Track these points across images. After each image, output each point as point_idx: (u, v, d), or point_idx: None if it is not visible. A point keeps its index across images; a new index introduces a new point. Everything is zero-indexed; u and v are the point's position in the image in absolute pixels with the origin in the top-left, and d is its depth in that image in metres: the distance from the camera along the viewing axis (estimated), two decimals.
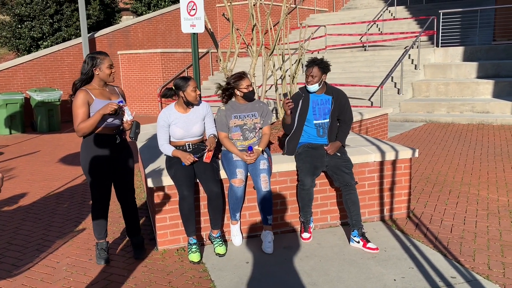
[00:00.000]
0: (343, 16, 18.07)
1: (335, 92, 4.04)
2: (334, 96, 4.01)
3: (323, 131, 4.06)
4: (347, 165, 3.88)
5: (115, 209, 5.02)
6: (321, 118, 4.02)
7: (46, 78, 12.60)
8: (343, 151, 4.04)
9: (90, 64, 3.42)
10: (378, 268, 3.39)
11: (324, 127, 4.05)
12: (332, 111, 4.01)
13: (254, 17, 5.39)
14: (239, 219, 3.88)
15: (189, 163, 3.58)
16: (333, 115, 4.02)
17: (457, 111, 10.79)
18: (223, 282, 3.26)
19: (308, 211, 3.95)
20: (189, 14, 5.16)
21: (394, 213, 4.41)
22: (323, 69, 3.90)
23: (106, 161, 3.50)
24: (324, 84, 4.02)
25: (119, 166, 3.60)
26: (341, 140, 4.06)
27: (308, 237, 3.94)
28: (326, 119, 4.02)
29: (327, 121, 4.02)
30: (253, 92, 3.88)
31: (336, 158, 3.93)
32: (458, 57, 12.92)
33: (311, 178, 3.83)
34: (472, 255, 3.58)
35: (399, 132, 9.15)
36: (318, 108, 4.01)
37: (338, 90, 4.07)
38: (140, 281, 3.33)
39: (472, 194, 5.08)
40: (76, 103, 3.36)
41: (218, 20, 17.86)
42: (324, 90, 4.04)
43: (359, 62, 13.76)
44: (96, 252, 3.67)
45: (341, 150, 4.04)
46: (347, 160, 3.94)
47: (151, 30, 15.28)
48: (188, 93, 3.62)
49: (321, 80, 3.93)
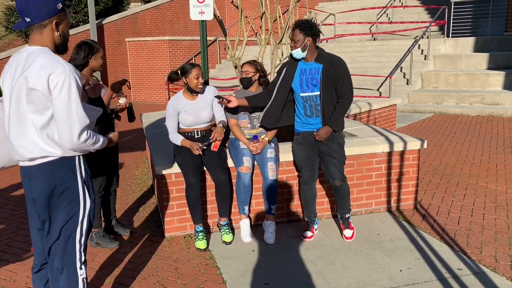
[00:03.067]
0: (352, 5, 17.87)
1: (328, 60, 3.44)
2: (326, 64, 3.42)
3: (311, 110, 3.53)
4: (335, 156, 3.50)
5: (122, 195, 5.05)
6: (308, 90, 3.48)
7: None
8: (335, 138, 3.53)
9: (87, 51, 3.38)
10: (384, 258, 3.39)
11: (312, 103, 3.51)
12: (322, 82, 3.42)
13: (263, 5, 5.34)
14: (248, 214, 3.81)
15: (198, 154, 3.59)
16: (325, 88, 3.43)
17: (467, 102, 10.69)
18: (229, 270, 3.28)
19: (311, 209, 3.74)
20: (198, 1, 5.12)
21: (401, 204, 4.39)
22: (306, 32, 3.36)
23: (107, 149, 3.54)
24: (315, 50, 3.48)
25: (113, 152, 3.69)
26: (332, 123, 3.48)
27: (310, 236, 3.74)
28: (315, 91, 3.47)
29: (317, 95, 3.47)
30: (247, 79, 3.82)
31: (326, 146, 3.53)
32: (469, 48, 12.76)
33: (310, 172, 3.60)
34: (479, 247, 3.57)
35: (408, 123, 9.09)
36: (305, 78, 3.49)
37: (333, 58, 3.46)
38: (147, 267, 3.36)
39: (480, 186, 5.05)
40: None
41: (226, 8, 17.74)
42: (314, 57, 3.50)
43: (368, 52, 13.64)
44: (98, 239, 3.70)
45: (334, 136, 3.54)
46: (336, 150, 3.52)
47: (159, 17, 15.22)
48: (190, 79, 3.60)
49: (305, 45, 3.40)
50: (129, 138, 8.49)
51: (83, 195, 2.18)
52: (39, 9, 2.04)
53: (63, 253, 2.18)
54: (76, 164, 2.15)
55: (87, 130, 2.08)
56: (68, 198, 2.14)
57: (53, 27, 2.09)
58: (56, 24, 2.10)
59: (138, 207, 4.67)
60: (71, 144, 2.04)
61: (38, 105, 2.02)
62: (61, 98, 1.99)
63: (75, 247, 2.20)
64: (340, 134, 3.59)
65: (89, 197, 2.21)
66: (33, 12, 2.04)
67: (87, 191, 2.21)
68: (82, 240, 2.22)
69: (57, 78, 1.98)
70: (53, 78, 1.98)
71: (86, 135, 2.07)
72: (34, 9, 2.04)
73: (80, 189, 2.16)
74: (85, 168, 2.21)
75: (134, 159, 6.79)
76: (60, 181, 2.11)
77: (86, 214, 2.21)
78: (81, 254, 2.23)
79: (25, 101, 2.03)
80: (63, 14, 2.13)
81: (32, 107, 2.03)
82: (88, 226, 2.24)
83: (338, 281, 3.09)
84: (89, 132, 2.10)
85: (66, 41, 2.18)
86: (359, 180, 4.21)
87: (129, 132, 9.07)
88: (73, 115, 2.01)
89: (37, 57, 2.04)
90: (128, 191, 5.21)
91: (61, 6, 2.10)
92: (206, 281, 3.14)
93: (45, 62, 2.01)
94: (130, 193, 5.15)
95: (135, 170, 6.15)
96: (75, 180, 2.15)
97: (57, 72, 1.98)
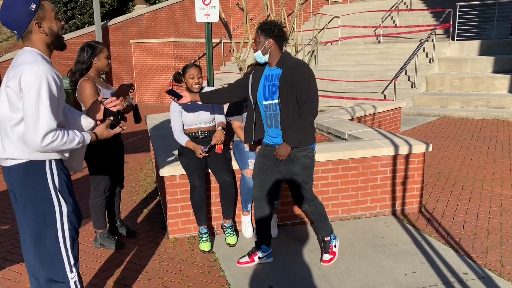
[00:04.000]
0: (357, 8, 17.87)
1: (289, 65, 3.06)
2: (285, 69, 3.05)
3: (271, 120, 3.15)
4: (297, 179, 3.14)
5: (126, 197, 5.06)
6: (270, 98, 3.12)
7: (60, 65, 12.67)
8: (298, 158, 3.10)
9: (90, 52, 3.41)
10: (388, 262, 3.38)
11: (272, 112, 3.13)
12: (280, 89, 3.04)
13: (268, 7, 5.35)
14: (251, 211, 3.88)
15: (201, 157, 3.59)
16: (283, 96, 3.04)
17: (472, 106, 10.65)
18: (233, 272, 3.27)
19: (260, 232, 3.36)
20: (203, 3, 5.13)
21: (406, 208, 4.38)
22: (267, 34, 3.05)
23: (113, 151, 3.55)
24: (279, 54, 3.12)
25: (119, 154, 3.69)
26: (289, 138, 3.04)
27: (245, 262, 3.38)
28: (274, 99, 3.09)
29: (276, 103, 3.09)
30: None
31: (287, 166, 3.15)
32: (474, 51, 12.72)
33: (259, 191, 3.26)
34: (485, 251, 3.55)
35: (412, 126, 9.07)
36: (268, 84, 3.14)
37: (295, 62, 3.07)
38: (151, 269, 3.36)
39: (485, 190, 5.02)
40: (87, 94, 3.33)
41: (231, 10, 17.77)
42: (276, 61, 3.13)
43: (372, 55, 13.62)
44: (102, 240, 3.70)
45: (296, 155, 3.10)
46: (299, 173, 3.12)
47: (164, 19, 15.27)
48: (186, 79, 3.64)
49: (266, 48, 3.08)
50: (134, 139, 8.50)
51: (56, 199, 2.11)
52: (15, 20, 2.01)
53: (47, 260, 2.13)
54: (47, 167, 2.09)
55: (55, 132, 2.00)
56: (34, 203, 2.08)
57: (37, 29, 2.05)
58: (38, 25, 2.05)
59: (142, 208, 4.67)
60: (36, 146, 1.98)
61: (12, 105, 2.00)
62: (30, 99, 1.94)
63: (60, 252, 2.14)
64: (306, 152, 3.12)
65: (64, 201, 2.13)
66: (14, 25, 2.02)
67: (61, 194, 2.13)
68: (67, 244, 2.15)
69: (27, 78, 1.94)
70: (24, 78, 1.94)
71: (51, 138, 1.98)
72: (12, 22, 2.01)
73: (52, 193, 2.10)
74: (59, 172, 2.13)
75: (138, 160, 6.80)
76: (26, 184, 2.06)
77: (64, 218, 2.13)
78: (69, 258, 2.16)
79: (4, 99, 2.01)
80: (41, 12, 2.05)
81: (7, 105, 2.01)
82: (70, 230, 2.16)
83: (342, 284, 3.08)
84: (57, 134, 2.01)
85: (58, 36, 2.11)
86: (364, 183, 4.20)
87: (133, 133, 9.09)
88: (39, 117, 1.95)
89: (19, 57, 2.03)
90: (132, 193, 5.21)
91: (34, 6, 2.03)
92: (210, 283, 3.14)
93: (21, 61, 1.99)
94: (135, 194, 5.15)
95: (140, 171, 6.15)
96: (45, 183, 2.08)
97: (29, 72, 1.94)
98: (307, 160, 3.14)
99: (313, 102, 3.03)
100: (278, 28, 3.07)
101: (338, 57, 14.04)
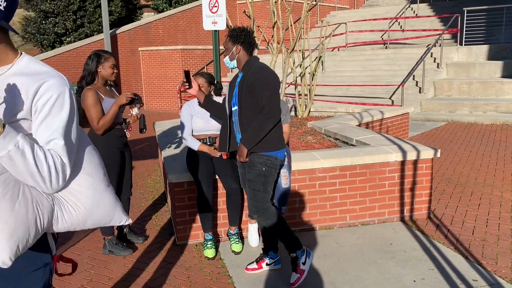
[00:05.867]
0: (364, 14, 17.88)
1: (249, 70, 3.03)
2: (245, 74, 3.05)
3: (236, 126, 3.15)
4: (249, 185, 3.08)
5: (134, 203, 5.09)
6: (235, 104, 3.14)
7: (69, 73, 12.81)
8: (253, 163, 3.03)
9: (95, 60, 3.45)
10: (397, 268, 3.36)
11: (236, 118, 3.13)
12: (238, 94, 3.05)
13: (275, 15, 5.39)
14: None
15: (219, 156, 3.60)
16: (241, 101, 3.03)
17: (480, 111, 10.58)
18: (241, 279, 3.27)
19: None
20: (211, 11, 5.17)
21: (415, 214, 4.35)
22: (234, 40, 3.06)
23: (120, 158, 3.58)
24: (247, 58, 3.10)
25: (126, 161, 3.71)
26: (243, 139, 3.00)
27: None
28: (236, 105, 3.11)
29: (236, 109, 3.11)
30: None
31: (245, 169, 3.17)
32: (482, 55, 12.65)
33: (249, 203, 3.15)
34: (495, 258, 3.51)
35: (420, 132, 9.02)
36: (236, 91, 3.14)
37: (255, 66, 3.02)
38: (159, 275, 3.37)
39: (495, 196, 4.98)
40: (89, 103, 3.37)
41: (238, 17, 17.87)
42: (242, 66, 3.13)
43: (380, 60, 13.60)
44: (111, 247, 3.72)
45: (252, 160, 3.04)
46: (251, 179, 3.05)
47: (172, 27, 15.39)
48: None
49: (233, 54, 3.09)
50: (142, 146, 8.56)
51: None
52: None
53: None
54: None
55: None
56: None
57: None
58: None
59: (150, 215, 4.70)
60: None
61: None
62: None
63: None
64: (264, 159, 3.01)
65: None
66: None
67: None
68: None
69: None
70: None
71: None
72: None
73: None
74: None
75: (146, 167, 6.84)
76: None
77: None
78: None
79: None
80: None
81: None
82: None
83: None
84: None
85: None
86: (372, 189, 4.19)
87: (141, 140, 9.15)
88: None
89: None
90: (140, 199, 5.24)
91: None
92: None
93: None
94: (143, 201, 5.18)
95: (148, 178, 6.19)
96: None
97: None
98: (264, 167, 3.02)
99: (271, 107, 2.92)
100: (245, 34, 3.06)
101: (345, 62, 14.04)
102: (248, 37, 3.07)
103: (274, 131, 3.03)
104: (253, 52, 3.14)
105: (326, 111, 10.93)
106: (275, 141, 3.04)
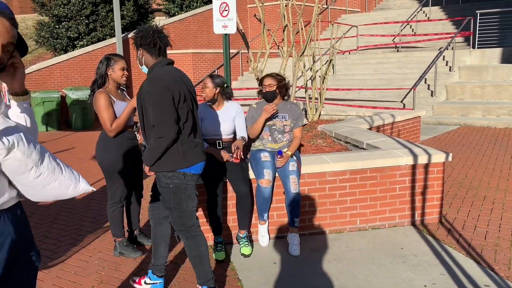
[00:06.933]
0: (375, 17, 17.80)
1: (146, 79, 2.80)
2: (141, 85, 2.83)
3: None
4: (162, 202, 2.95)
5: (144, 205, 5.11)
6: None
7: (81, 77, 12.96)
8: (159, 178, 2.86)
9: (105, 63, 3.50)
10: (408, 273, 3.33)
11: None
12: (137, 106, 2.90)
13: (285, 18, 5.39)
14: (267, 220, 3.88)
15: (225, 160, 3.61)
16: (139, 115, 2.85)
17: (494, 114, 10.45)
18: (250, 282, 3.27)
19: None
20: (221, 15, 5.20)
21: (426, 218, 4.31)
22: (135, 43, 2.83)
23: (130, 159, 3.61)
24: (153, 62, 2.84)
25: (137, 163, 3.74)
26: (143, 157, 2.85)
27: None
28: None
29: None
30: (272, 93, 3.85)
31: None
32: (496, 59, 12.51)
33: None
34: (508, 263, 3.47)
35: (432, 135, 8.95)
36: None
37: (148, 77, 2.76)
38: (169, 277, 3.39)
39: (508, 201, 4.91)
40: (101, 105, 3.41)
41: (249, 21, 17.92)
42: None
43: (391, 63, 13.53)
44: (121, 249, 3.74)
45: (158, 176, 2.88)
46: (161, 194, 2.89)
47: (183, 31, 15.49)
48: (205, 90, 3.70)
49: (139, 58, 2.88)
50: None
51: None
52: None
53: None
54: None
55: None
56: None
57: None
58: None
59: None
60: None
61: None
62: None
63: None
64: (167, 175, 2.76)
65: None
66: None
67: None
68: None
69: None
70: None
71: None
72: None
73: None
74: None
75: None
76: None
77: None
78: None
79: None
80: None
81: None
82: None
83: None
84: None
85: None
86: (382, 193, 4.16)
87: None
88: None
89: None
90: None
91: None
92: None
93: None
94: None
95: None
96: None
97: None
98: (170, 184, 2.76)
99: (161, 126, 2.61)
100: (142, 36, 2.74)
101: (356, 66, 13.99)
102: (145, 38, 2.73)
103: (178, 147, 2.72)
104: (163, 53, 2.81)
105: (336, 115, 10.89)
106: (178, 159, 2.73)
